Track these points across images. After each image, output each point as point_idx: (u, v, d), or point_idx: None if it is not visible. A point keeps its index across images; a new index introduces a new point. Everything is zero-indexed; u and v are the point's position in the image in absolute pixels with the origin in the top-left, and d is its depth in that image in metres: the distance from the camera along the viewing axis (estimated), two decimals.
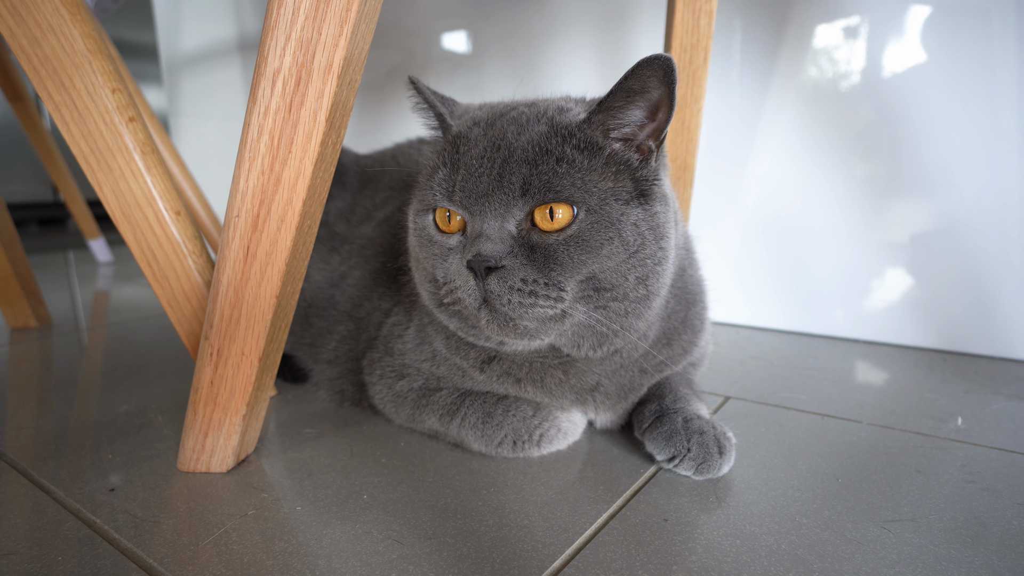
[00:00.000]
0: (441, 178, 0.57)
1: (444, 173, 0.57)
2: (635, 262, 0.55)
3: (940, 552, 0.49)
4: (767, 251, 1.15)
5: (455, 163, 0.56)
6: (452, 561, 0.49)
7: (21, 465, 0.65)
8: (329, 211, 0.93)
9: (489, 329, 0.55)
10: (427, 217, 0.59)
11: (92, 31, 0.58)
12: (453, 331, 0.65)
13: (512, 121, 0.57)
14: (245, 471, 0.64)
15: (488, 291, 0.52)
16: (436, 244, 0.58)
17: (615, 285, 0.55)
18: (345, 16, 0.49)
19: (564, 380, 0.65)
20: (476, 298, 0.53)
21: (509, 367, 0.65)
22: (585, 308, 0.55)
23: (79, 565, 0.49)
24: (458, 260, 0.55)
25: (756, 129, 1.12)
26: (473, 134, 0.57)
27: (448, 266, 0.57)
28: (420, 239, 0.60)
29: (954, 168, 0.96)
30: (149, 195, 0.61)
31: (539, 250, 0.53)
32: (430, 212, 0.59)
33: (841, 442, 0.69)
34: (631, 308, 0.57)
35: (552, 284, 0.53)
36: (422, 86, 0.61)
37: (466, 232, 0.56)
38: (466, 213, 0.55)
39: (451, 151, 0.57)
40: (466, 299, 0.54)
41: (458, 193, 0.55)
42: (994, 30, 0.91)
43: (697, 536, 0.52)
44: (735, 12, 1.11)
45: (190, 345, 0.66)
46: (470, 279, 0.53)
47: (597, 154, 0.54)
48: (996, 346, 0.98)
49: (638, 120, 0.55)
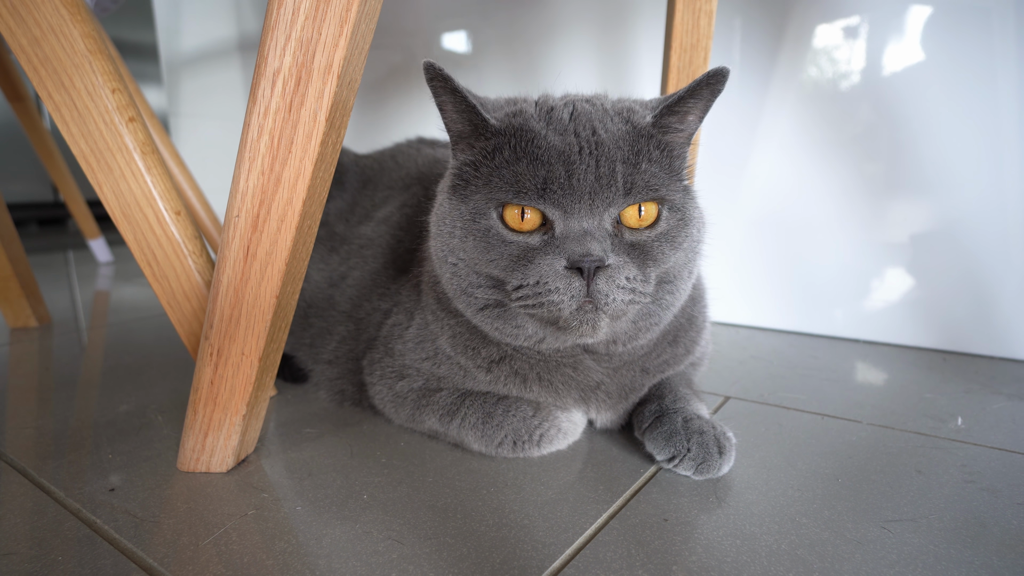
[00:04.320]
0: (516, 174, 0.53)
1: (519, 169, 0.53)
2: (692, 255, 0.59)
3: (940, 552, 0.49)
4: (767, 251, 1.15)
5: (534, 158, 0.53)
6: (452, 561, 0.49)
7: (21, 465, 0.65)
8: (328, 211, 0.93)
9: (580, 330, 0.54)
10: (490, 216, 0.55)
11: (92, 31, 0.58)
12: (458, 332, 0.65)
13: (591, 119, 0.56)
14: (245, 471, 0.64)
15: (596, 291, 0.51)
16: (511, 244, 0.54)
17: (676, 277, 0.58)
18: (345, 16, 0.49)
19: (572, 377, 0.65)
20: (578, 299, 0.51)
21: (520, 366, 0.65)
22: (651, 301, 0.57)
23: (79, 565, 0.49)
24: (551, 260, 0.52)
25: (756, 129, 1.12)
26: (543, 129, 0.55)
27: (536, 267, 0.53)
28: (483, 240, 0.55)
29: (954, 168, 0.96)
30: (149, 195, 0.61)
31: (635, 248, 0.55)
32: (495, 211, 0.55)
33: (841, 442, 0.69)
34: (676, 300, 0.60)
35: (647, 280, 0.54)
36: (447, 74, 0.55)
37: (553, 231, 0.54)
38: (559, 211, 0.53)
39: (516, 146, 0.54)
40: (564, 300, 0.52)
41: (553, 190, 0.52)
42: (994, 30, 0.91)
43: (697, 536, 0.52)
44: (735, 12, 1.11)
45: (190, 345, 0.66)
46: (573, 280, 0.51)
47: (668, 153, 0.57)
48: (996, 346, 0.98)
49: (692, 122, 0.59)
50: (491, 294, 0.57)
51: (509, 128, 0.56)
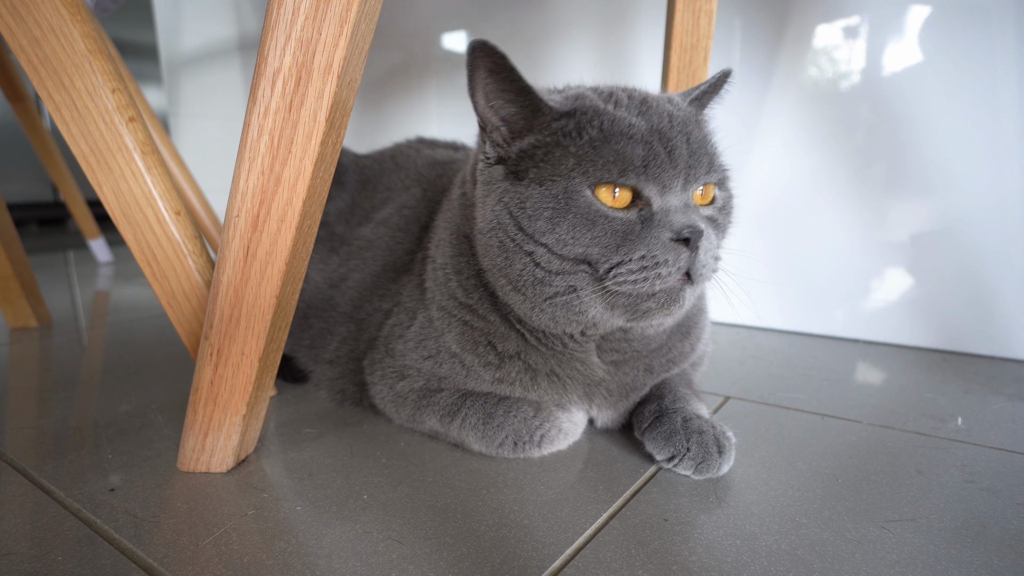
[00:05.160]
0: (617, 153, 0.53)
1: (618, 147, 0.53)
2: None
3: (940, 552, 0.49)
4: (767, 250, 1.15)
5: (628, 137, 0.53)
6: (452, 561, 0.49)
7: (21, 465, 0.65)
8: (328, 212, 0.93)
9: (669, 306, 0.54)
10: (587, 195, 0.54)
11: (92, 31, 0.58)
12: (468, 329, 0.66)
13: (657, 101, 0.58)
14: (245, 471, 0.64)
15: (697, 261, 0.52)
16: (613, 220, 0.53)
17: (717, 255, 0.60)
18: (345, 16, 0.49)
19: (579, 372, 0.65)
20: (683, 269, 0.52)
21: (535, 360, 0.65)
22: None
23: (79, 565, 0.49)
24: (657, 232, 0.52)
25: (756, 129, 1.12)
26: (620, 110, 0.55)
27: (640, 241, 0.52)
28: (582, 219, 0.53)
29: (954, 168, 0.96)
30: (149, 195, 0.61)
31: (710, 221, 0.58)
32: (589, 190, 0.54)
33: (841, 442, 0.69)
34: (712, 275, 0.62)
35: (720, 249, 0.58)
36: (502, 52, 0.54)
37: (650, 207, 0.54)
38: (657, 187, 0.53)
39: (601, 126, 0.54)
40: (671, 272, 0.52)
41: (653, 167, 0.53)
42: (994, 30, 0.91)
43: (697, 536, 0.52)
44: (735, 12, 1.11)
45: (190, 345, 0.66)
46: (681, 251, 0.52)
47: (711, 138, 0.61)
48: (996, 346, 0.98)
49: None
50: (572, 280, 0.55)
51: (580, 108, 0.56)
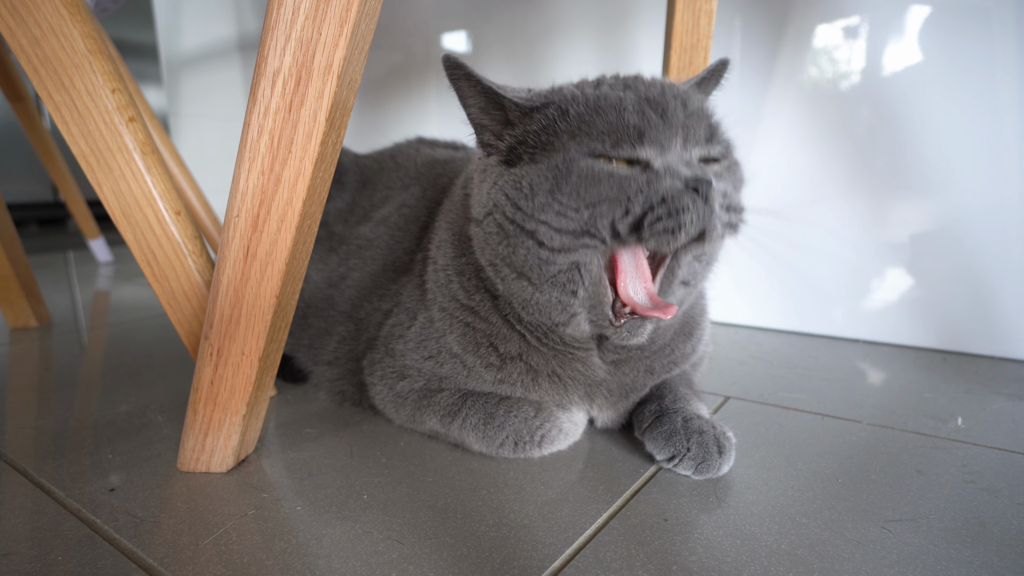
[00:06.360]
0: (609, 124, 0.53)
1: (610, 118, 0.53)
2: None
3: (940, 552, 0.49)
4: (766, 250, 1.15)
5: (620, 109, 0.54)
6: (452, 561, 0.49)
7: (21, 465, 0.65)
8: (328, 211, 0.93)
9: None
10: (586, 159, 0.54)
11: (92, 31, 0.58)
12: (470, 331, 0.66)
13: (650, 80, 0.59)
14: (245, 471, 0.64)
15: (713, 215, 0.51)
16: (618, 175, 0.52)
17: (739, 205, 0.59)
18: (345, 16, 0.49)
19: (580, 372, 0.65)
20: (704, 218, 0.50)
21: (536, 360, 0.65)
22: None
23: (79, 565, 0.49)
24: (669, 181, 0.51)
25: (756, 129, 1.12)
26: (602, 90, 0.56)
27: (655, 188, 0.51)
28: (586, 180, 0.53)
29: (954, 168, 0.96)
30: (149, 195, 0.61)
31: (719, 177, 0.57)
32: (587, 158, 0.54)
33: (841, 442, 0.69)
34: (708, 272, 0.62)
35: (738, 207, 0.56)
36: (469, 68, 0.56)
37: (651, 166, 0.53)
38: (656, 148, 0.53)
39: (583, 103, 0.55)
40: (694, 219, 0.50)
41: (648, 131, 0.53)
42: (994, 30, 0.91)
43: (697, 536, 0.52)
44: (735, 12, 1.10)
45: (190, 345, 0.66)
46: (698, 198, 0.50)
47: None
48: (996, 346, 0.98)
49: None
50: (575, 256, 0.54)
51: (558, 95, 0.57)
